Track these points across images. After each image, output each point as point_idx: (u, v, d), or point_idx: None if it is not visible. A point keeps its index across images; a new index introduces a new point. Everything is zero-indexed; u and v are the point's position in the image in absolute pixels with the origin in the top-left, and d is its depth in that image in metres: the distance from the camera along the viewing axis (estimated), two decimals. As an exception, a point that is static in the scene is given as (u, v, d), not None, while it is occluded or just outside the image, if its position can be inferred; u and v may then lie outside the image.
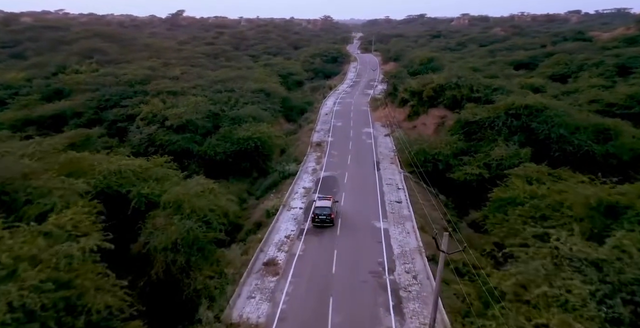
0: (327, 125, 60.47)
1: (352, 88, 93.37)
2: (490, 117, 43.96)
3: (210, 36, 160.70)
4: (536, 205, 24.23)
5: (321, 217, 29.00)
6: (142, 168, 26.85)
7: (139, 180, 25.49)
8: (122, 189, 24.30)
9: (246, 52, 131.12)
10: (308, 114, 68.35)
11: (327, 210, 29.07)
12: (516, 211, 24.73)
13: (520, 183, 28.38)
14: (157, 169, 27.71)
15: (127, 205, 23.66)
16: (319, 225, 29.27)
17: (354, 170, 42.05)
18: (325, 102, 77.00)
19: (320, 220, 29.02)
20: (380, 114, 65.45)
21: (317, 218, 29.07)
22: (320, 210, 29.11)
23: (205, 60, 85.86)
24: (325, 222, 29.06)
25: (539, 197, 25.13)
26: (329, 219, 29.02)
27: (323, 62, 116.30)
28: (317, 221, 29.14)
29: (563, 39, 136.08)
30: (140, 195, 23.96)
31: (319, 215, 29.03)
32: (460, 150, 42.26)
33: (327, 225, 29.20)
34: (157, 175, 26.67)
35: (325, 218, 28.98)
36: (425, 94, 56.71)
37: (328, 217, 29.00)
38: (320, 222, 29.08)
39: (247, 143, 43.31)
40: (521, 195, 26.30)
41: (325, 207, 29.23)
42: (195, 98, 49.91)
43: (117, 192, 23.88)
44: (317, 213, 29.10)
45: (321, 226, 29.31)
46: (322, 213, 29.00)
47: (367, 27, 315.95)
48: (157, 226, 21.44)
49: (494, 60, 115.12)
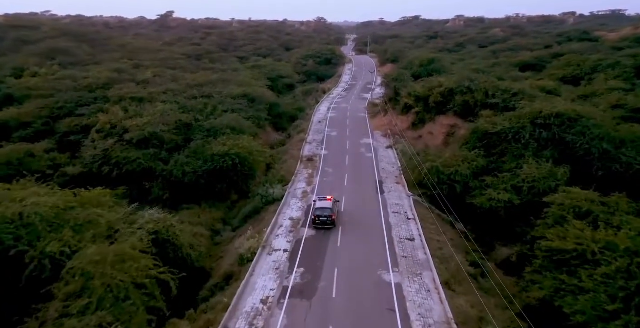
0: (321, 135, 53.02)
1: (348, 92, 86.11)
2: (513, 127, 36.74)
3: (197, 37, 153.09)
4: (622, 267, 16.72)
5: (322, 218, 28.09)
6: (60, 209, 19.15)
7: (49, 230, 17.79)
8: (19, 246, 16.61)
9: (235, 53, 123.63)
10: (299, 122, 60.86)
11: (327, 212, 28.11)
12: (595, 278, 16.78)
13: (581, 226, 20.93)
14: (84, 210, 20.01)
15: (23, 270, 16.00)
16: (319, 227, 28.26)
17: (352, 194, 34.58)
18: (318, 108, 69.58)
19: (322, 221, 28.14)
20: (380, 122, 58.13)
21: (318, 220, 28.18)
22: (321, 211, 28.16)
23: (186, 61, 78.10)
24: (326, 224, 28.15)
25: (621, 252, 17.68)
26: (330, 221, 28.11)
27: (316, 64, 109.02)
28: (317, 223, 28.25)
29: (568, 39, 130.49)
30: (44, 256, 16.29)
31: (319, 217, 28.13)
32: (481, 168, 34.98)
33: (329, 227, 28.14)
34: (79, 219, 18.95)
35: (326, 220, 28.10)
36: (432, 100, 49.50)
37: (329, 219, 28.08)
38: (322, 223, 28.17)
39: (223, 160, 35.72)
40: (592, 247, 18.80)
41: (325, 209, 28.28)
42: (164, 105, 42.26)
43: (6, 250, 16.16)
44: (317, 215, 28.17)
45: (322, 228, 28.19)
46: (322, 215, 28.05)
47: (362, 29, 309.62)
48: (47, 319, 13.75)
49: (497, 61, 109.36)
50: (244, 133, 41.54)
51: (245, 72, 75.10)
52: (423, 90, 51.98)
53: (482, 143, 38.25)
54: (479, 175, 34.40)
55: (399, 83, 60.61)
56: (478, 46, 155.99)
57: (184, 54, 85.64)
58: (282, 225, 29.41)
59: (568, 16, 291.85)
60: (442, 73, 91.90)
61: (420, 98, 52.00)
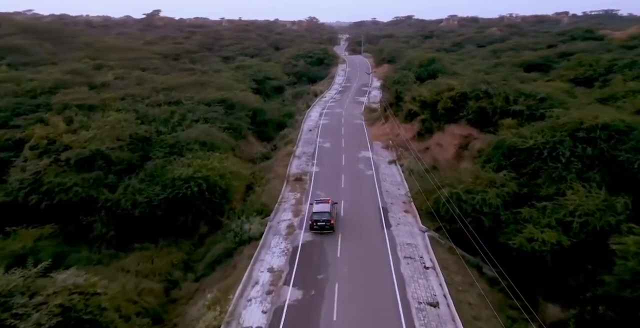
0: (311, 146, 45.53)
1: (342, 95, 78.73)
2: (549, 142, 29.64)
3: (182, 36, 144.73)
4: None
5: (320, 223, 26.58)
6: None
7: None
8: None
9: (220, 53, 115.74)
10: (287, 130, 53.31)
11: (326, 216, 26.66)
12: None
13: None
14: None
15: None
16: (318, 232, 26.69)
17: (350, 229, 27.14)
18: (309, 114, 62.09)
19: (320, 226, 26.65)
20: (379, 130, 50.79)
21: (316, 225, 26.69)
22: (319, 215, 26.67)
23: (161, 62, 70.01)
24: (324, 229, 26.64)
25: None
26: (328, 225, 26.59)
27: (307, 65, 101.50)
28: (315, 228, 26.76)
29: (571, 38, 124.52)
30: None
31: (317, 222, 26.63)
32: (513, 195, 27.76)
33: (327, 232, 26.42)
34: None
35: (324, 225, 26.59)
36: (442, 106, 42.26)
37: (327, 223, 26.56)
38: (320, 228, 26.69)
39: (187, 186, 28.10)
40: None
41: (324, 212, 26.76)
42: (118, 115, 34.41)
43: None
44: (315, 220, 26.70)
45: (320, 234, 26.48)
46: (320, 219, 26.58)
47: (354, 29, 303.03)
48: None
49: (499, 61, 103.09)
50: (218, 148, 33.95)
51: (227, 73, 67.36)
52: (430, 94, 44.70)
53: (508, 161, 31.09)
54: (512, 205, 27.20)
55: (401, 86, 53.27)
56: (476, 45, 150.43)
57: (159, 54, 77.51)
58: (258, 281, 21.76)
59: (562, 16, 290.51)
60: (444, 74, 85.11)
61: (427, 103, 44.71)
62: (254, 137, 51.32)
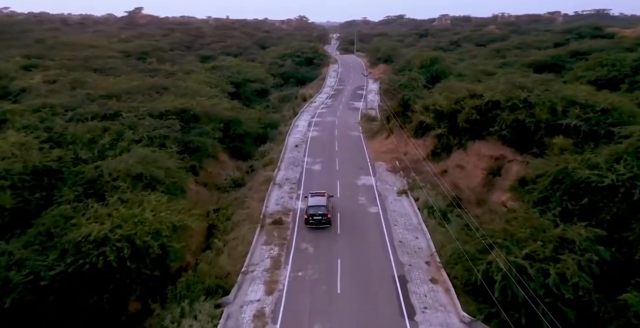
0: (297, 169, 35.58)
1: (334, 99, 68.90)
2: (638, 176, 20.21)
3: (160, 34, 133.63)
4: None
5: (316, 217, 24.78)
6: None
7: None
8: None
9: (199, 51, 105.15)
10: (268, 146, 43.24)
11: (322, 209, 24.82)
12: None
13: None
14: None
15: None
16: (314, 226, 24.85)
17: (350, 323, 17.28)
18: (296, 123, 52.15)
19: (316, 221, 24.82)
20: (382, 146, 40.97)
21: (312, 220, 24.85)
22: (315, 209, 24.91)
23: (122, 61, 59.31)
24: (321, 223, 24.85)
25: None
26: (324, 220, 24.82)
27: (295, 65, 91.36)
28: (311, 223, 24.90)
29: (578, 36, 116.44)
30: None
31: (313, 216, 24.83)
32: (602, 263, 18.15)
33: (324, 227, 24.72)
34: None
35: (320, 219, 24.78)
36: (464, 117, 32.64)
37: (324, 218, 24.76)
38: (316, 223, 24.87)
39: (98, 253, 17.97)
40: None
41: (320, 206, 25.01)
42: (17, 135, 24.01)
43: None
44: (311, 214, 24.90)
45: (317, 228, 24.70)
46: (316, 213, 24.76)
47: (345, 28, 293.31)
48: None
49: (505, 61, 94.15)
50: (161, 184, 23.79)
51: (200, 74, 57.03)
52: (447, 102, 35.02)
53: (577, 203, 21.52)
54: (604, 282, 17.62)
55: (409, 91, 43.32)
56: (475, 44, 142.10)
57: (122, 52, 66.47)
58: None
59: (556, 15, 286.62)
60: (449, 75, 76.22)
61: (444, 114, 35.01)
62: (226, 154, 41.23)
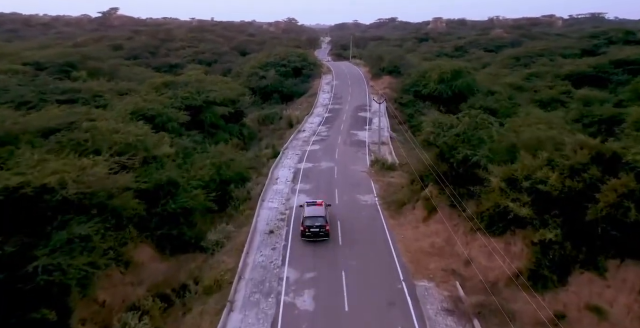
0: (267, 308, 18.05)
1: (330, 126, 51.45)
2: None
3: (124, 36, 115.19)
4: None
5: (313, 229, 22.63)
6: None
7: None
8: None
9: (164, 59, 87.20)
10: (223, 232, 25.32)
11: (320, 221, 22.77)
12: None
13: None
14: None
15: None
16: (311, 239, 22.67)
17: None
18: (274, 174, 34.61)
19: (313, 233, 22.66)
20: (419, 237, 23.30)
21: (308, 232, 22.70)
22: (312, 220, 22.78)
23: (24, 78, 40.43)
24: (318, 236, 22.67)
25: None
26: (323, 232, 22.68)
27: (279, 76, 73.85)
28: (308, 235, 22.74)
29: (607, 42, 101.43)
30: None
31: (310, 228, 22.69)
32: None
33: (322, 239, 22.53)
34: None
35: (318, 231, 22.61)
36: (601, 211, 15.60)
37: (322, 230, 22.63)
38: (313, 235, 22.67)
39: None
40: None
41: (317, 217, 22.82)
42: None
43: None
44: (307, 226, 22.75)
45: (314, 241, 22.56)
46: (314, 225, 22.64)
47: (336, 31, 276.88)
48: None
49: (532, 72, 78.39)
50: None
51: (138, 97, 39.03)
52: (556, 177, 17.73)
53: None
54: None
55: (470, 147, 22.99)
56: (483, 50, 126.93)
57: (30, 64, 46.28)
58: None
59: (555, 19, 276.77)
60: (476, 92, 59.65)
61: (555, 199, 17.75)
62: (150, 248, 23.61)
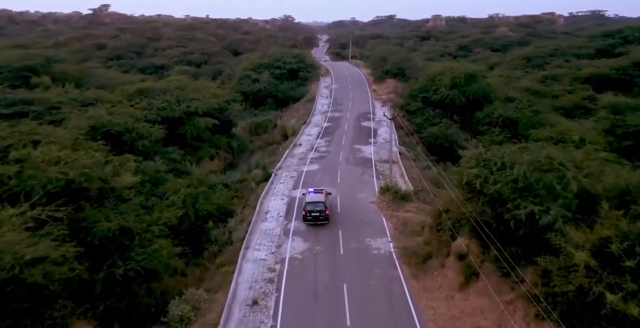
0: None
1: (329, 139, 45.05)
2: None
3: (109, 35, 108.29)
4: None
5: (314, 214, 25.17)
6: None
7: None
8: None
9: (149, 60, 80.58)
10: (194, 300, 19.07)
11: (320, 206, 25.24)
12: None
13: None
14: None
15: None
16: (312, 223, 25.22)
17: None
18: (263, 208, 28.28)
19: (314, 217, 25.21)
20: (458, 315, 17.33)
21: (310, 216, 25.23)
22: (313, 205, 25.25)
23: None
24: (319, 220, 25.23)
25: None
26: (323, 216, 25.21)
27: (274, 79, 67.47)
28: (309, 219, 25.30)
29: (623, 41, 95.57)
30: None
31: (311, 212, 25.20)
32: None
33: (322, 223, 25.00)
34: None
35: (319, 216, 25.17)
36: None
37: (322, 214, 25.15)
38: (314, 219, 25.23)
39: None
40: None
41: (318, 202, 25.35)
42: None
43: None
44: (309, 210, 25.23)
45: (314, 225, 25.05)
46: (314, 210, 25.14)
47: (333, 29, 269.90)
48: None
49: (548, 74, 72.54)
50: None
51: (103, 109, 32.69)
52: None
53: None
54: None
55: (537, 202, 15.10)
56: (489, 49, 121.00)
57: None
58: None
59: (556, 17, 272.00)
60: (493, 100, 53.58)
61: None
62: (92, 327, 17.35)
